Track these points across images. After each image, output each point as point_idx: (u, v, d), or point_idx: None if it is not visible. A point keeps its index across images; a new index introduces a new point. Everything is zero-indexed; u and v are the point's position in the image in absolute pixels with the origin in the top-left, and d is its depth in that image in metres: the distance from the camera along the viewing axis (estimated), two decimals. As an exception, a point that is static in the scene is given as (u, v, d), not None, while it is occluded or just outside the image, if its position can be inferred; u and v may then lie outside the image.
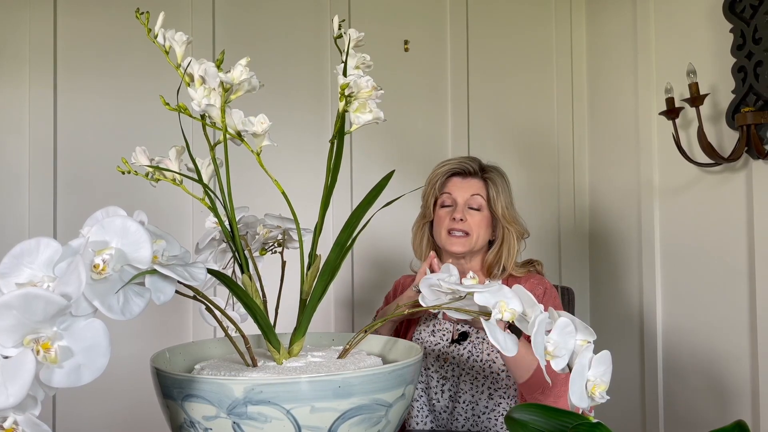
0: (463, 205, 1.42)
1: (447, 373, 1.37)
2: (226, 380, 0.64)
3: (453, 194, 1.43)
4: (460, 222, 1.40)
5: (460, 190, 1.43)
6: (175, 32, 0.75)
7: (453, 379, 1.36)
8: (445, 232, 1.42)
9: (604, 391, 0.66)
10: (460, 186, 1.44)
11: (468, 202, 1.42)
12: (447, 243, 1.42)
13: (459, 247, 1.41)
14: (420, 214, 1.52)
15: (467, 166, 1.45)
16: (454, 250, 1.41)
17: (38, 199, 1.78)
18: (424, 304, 0.77)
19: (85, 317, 0.50)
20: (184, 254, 0.62)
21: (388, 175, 0.83)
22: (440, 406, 1.36)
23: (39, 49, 1.80)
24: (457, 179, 1.45)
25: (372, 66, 0.81)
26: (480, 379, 1.34)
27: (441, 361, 1.38)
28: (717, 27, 1.62)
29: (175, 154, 0.81)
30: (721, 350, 1.63)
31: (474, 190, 1.43)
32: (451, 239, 1.41)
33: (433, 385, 1.38)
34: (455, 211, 1.41)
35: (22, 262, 0.52)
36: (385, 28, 2.05)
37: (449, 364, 1.37)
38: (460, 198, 1.43)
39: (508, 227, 1.43)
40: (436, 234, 1.45)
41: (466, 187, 1.43)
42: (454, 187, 1.44)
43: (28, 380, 0.46)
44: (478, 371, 1.35)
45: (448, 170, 1.45)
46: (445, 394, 1.37)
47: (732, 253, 1.60)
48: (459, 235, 1.40)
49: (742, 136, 1.48)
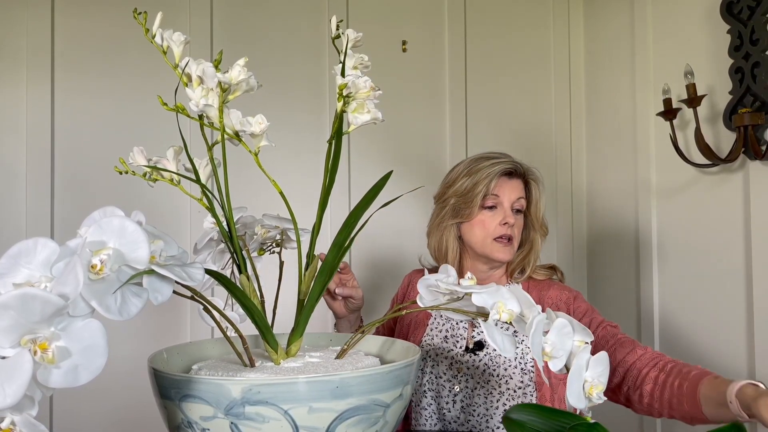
0: (509, 209, 1.32)
1: (460, 384, 1.27)
2: (224, 380, 0.64)
3: (501, 196, 1.32)
4: (510, 228, 1.31)
5: (508, 192, 1.32)
6: (172, 32, 0.75)
7: (466, 390, 1.27)
8: (490, 238, 1.31)
9: (602, 391, 0.66)
10: (508, 187, 1.32)
11: (513, 204, 1.33)
12: (493, 250, 1.31)
13: (507, 255, 1.31)
14: (448, 212, 1.36)
15: (518, 166, 1.34)
16: (502, 258, 1.32)
17: (35, 199, 1.77)
18: (422, 305, 0.77)
19: (82, 317, 0.50)
20: (182, 254, 0.62)
21: (386, 176, 0.83)
22: (451, 416, 1.28)
23: (36, 49, 1.79)
24: (504, 179, 1.33)
25: (370, 66, 0.81)
26: (495, 394, 1.24)
27: (454, 370, 1.29)
28: (714, 28, 1.62)
29: (173, 155, 0.81)
30: (718, 350, 1.63)
31: (519, 192, 1.33)
32: (498, 246, 1.31)
33: (444, 395, 1.28)
34: (506, 216, 1.31)
35: (19, 262, 0.52)
36: (383, 28, 2.05)
37: (462, 375, 1.28)
38: (506, 201, 1.32)
39: (538, 230, 1.36)
40: (478, 239, 1.32)
41: (513, 188, 1.33)
42: (502, 189, 1.32)
43: (25, 380, 0.46)
44: (494, 386, 1.25)
45: (501, 169, 1.32)
46: (456, 405, 1.27)
47: (729, 253, 1.60)
48: (506, 242, 1.31)
49: (740, 137, 1.49)
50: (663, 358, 1.14)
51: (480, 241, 1.32)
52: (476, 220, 1.32)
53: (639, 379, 1.13)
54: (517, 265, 1.37)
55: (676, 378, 1.07)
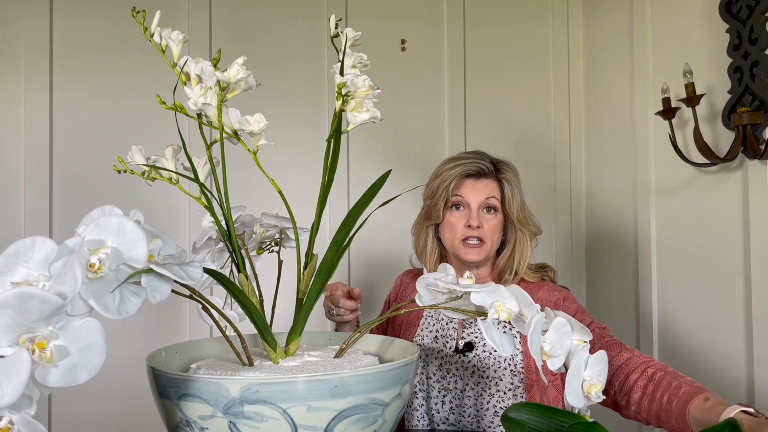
0: (477, 210, 1.30)
1: (449, 385, 1.26)
2: (223, 380, 0.64)
3: (466, 197, 1.31)
4: (477, 229, 1.29)
5: (474, 193, 1.31)
6: (171, 31, 0.75)
7: (455, 391, 1.26)
8: (458, 241, 1.31)
9: (600, 390, 0.66)
10: (474, 188, 1.31)
11: (482, 205, 1.31)
12: (461, 251, 1.31)
13: (475, 256, 1.30)
14: (422, 214, 1.38)
15: (482, 166, 1.31)
16: (470, 259, 1.31)
17: (34, 198, 1.77)
18: (421, 304, 0.77)
19: (80, 316, 0.50)
20: (181, 253, 0.62)
21: (384, 175, 0.83)
22: (440, 417, 1.27)
23: (35, 48, 1.79)
24: (470, 180, 1.32)
25: (369, 65, 0.81)
26: (485, 396, 1.23)
27: (443, 371, 1.28)
28: (713, 27, 1.62)
29: (172, 153, 0.81)
30: (716, 349, 1.64)
31: (488, 192, 1.31)
32: (466, 248, 1.30)
33: (434, 395, 1.27)
34: (470, 218, 1.29)
35: (17, 261, 0.52)
36: (382, 27, 2.05)
37: (452, 375, 1.27)
38: (474, 202, 1.30)
39: (522, 229, 1.33)
40: (448, 240, 1.33)
41: (481, 189, 1.31)
42: (467, 190, 1.31)
43: (23, 380, 0.46)
44: (483, 387, 1.24)
45: (462, 171, 1.31)
46: (446, 405, 1.27)
47: (728, 252, 1.60)
48: (474, 243, 1.30)
49: (738, 136, 1.49)
50: (651, 364, 1.11)
51: (449, 242, 1.33)
52: (445, 221, 1.33)
53: (627, 385, 1.11)
54: (505, 266, 1.35)
55: (665, 392, 1.05)
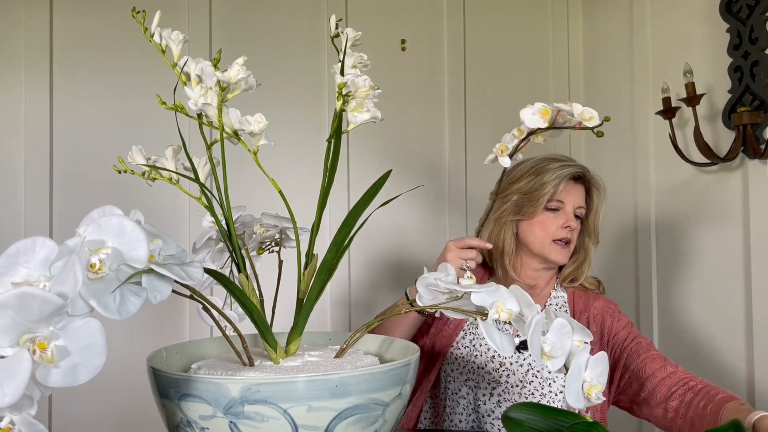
0: (571, 213, 1.32)
1: (501, 378, 1.29)
2: (223, 380, 0.64)
3: (565, 200, 1.32)
4: (572, 231, 1.32)
5: (572, 196, 1.32)
6: (171, 31, 0.75)
7: (506, 385, 1.28)
8: (549, 240, 1.31)
9: (600, 391, 0.66)
10: (573, 192, 1.33)
11: (576, 208, 1.33)
12: (550, 251, 1.32)
13: (563, 258, 1.32)
14: (509, 208, 1.35)
15: (584, 172, 1.34)
16: (557, 260, 1.33)
17: (34, 199, 1.77)
18: (421, 304, 0.77)
19: (81, 317, 0.50)
20: (181, 253, 0.62)
21: (385, 175, 0.83)
22: (485, 409, 1.28)
23: (35, 48, 1.79)
24: (570, 183, 1.33)
25: (369, 65, 0.81)
26: (537, 396, 1.26)
27: (496, 363, 1.30)
28: (713, 27, 1.62)
29: (172, 153, 0.81)
30: (717, 349, 1.64)
31: (582, 198, 1.34)
32: (556, 247, 1.31)
33: (483, 386, 1.29)
34: (568, 219, 1.31)
35: (18, 261, 0.52)
36: (382, 27, 2.05)
37: (504, 369, 1.29)
38: (569, 205, 1.32)
39: (593, 238, 1.37)
40: (537, 239, 1.33)
41: (577, 193, 1.34)
42: (567, 193, 1.32)
43: (24, 380, 0.46)
44: (536, 387, 1.26)
45: (571, 173, 1.32)
46: (493, 398, 1.28)
47: (728, 252, 1.60)
48: (564, 245, 1.32)
49: (738, 135, 1.49)
50: (694, 379, 1.16)
51: (539, 241, 1.33)
52: (537, 219, 1.32)
53: (667, 396, 1.16)
54: (571, 273, 1.38)
55: (702, 399, 1.09)
